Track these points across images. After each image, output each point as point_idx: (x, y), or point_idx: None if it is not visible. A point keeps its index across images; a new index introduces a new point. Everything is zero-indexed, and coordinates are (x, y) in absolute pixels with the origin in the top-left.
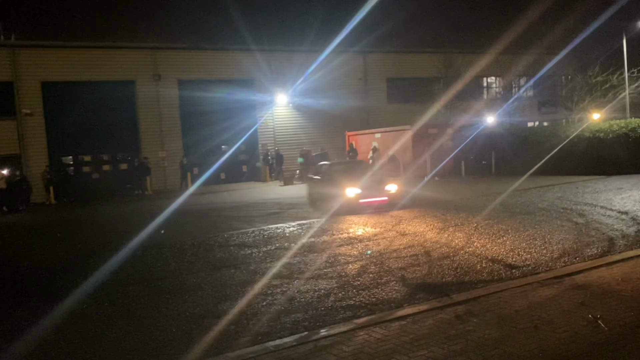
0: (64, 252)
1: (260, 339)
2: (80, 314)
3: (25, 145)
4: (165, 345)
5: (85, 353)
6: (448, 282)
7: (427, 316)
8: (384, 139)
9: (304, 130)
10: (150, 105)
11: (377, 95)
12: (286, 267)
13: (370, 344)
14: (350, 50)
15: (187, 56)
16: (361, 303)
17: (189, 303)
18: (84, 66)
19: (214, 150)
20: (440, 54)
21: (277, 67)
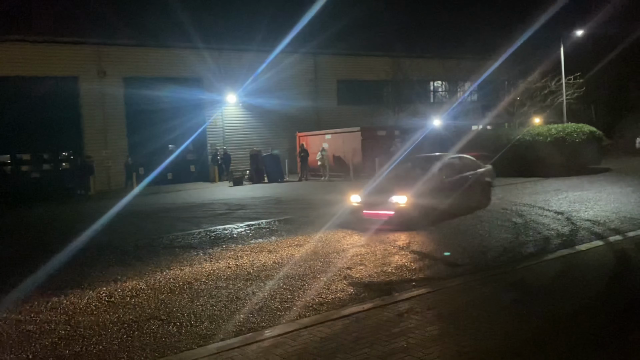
0: None
1: (203, 341)
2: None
3: None
4: (101, 350)
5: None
6: (393, 280)
7: (369, 315)
8: (334, 140)
9: (254, 130)
10: (94, 102)
11: (327, 97)
12: (233, 269)
13: (315, 343)
14: (300, 51)
15: (133, 53)
16: (307, 303)
17: (130, 307)
18: (23, 60)
19: (160, 150)
20: (390, 58)
21: (226, 66)
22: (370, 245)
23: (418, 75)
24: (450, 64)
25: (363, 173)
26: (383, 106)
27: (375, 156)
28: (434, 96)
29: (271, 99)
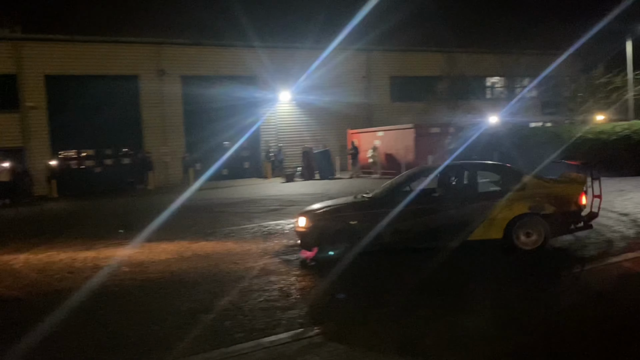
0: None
1: (255, 334)
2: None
3: (28, 138)
4: (161, 339)
5: (87, 346)
6: None
7: None
8: (386, 138)
9: (306, 127)
10: (154, 100)
11: (380, 93)
12: (284, 264)
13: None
14: (352, 48)
15: (190, 52)
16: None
17: (186, 298)
18: (87, 60)
19: (216, 147)
20: (444, 53)
21: (280, 64)
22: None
23: (474, 70)
24: (508, 59)
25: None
26: (437, 103)
27: (429, 154)
28: (490, 92)
29: (323, 96)
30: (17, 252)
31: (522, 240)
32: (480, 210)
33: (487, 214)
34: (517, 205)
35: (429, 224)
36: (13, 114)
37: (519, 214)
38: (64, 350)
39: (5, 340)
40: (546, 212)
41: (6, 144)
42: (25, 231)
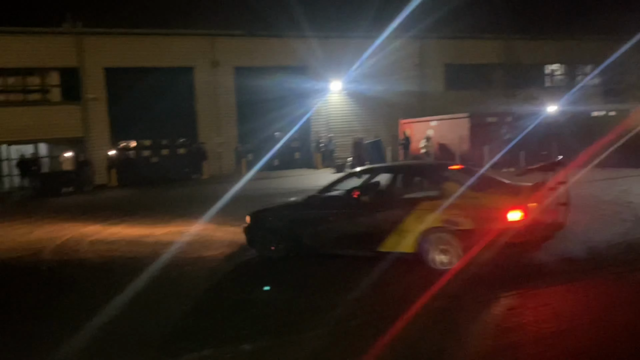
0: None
1: (312, 324)
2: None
3: (89, 129)
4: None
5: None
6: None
7: None
8: (440, 127)
9: (357, 117)
10: (208, 91)
11: (433, 82)
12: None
13: None
14: (405, 36)
15: (243, 43)
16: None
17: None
18: (144, 52)
19: (268, 138)
20: (501, 40)
21: (331, 53)
22: None
23: (532, 58)
24: (569, 45)
25: (470, 162)
26: (493, 91)
27: (485, 144)
28: (550, 80)
29: (374, 86)
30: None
31: (435, 258)
32: (392, 219)
33: (399, 224)
34: (430, 217)
35: (342, 229)
36: (75, 106)
37: (432, 227)
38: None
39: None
40: (462, 227)
41: (69, 134)
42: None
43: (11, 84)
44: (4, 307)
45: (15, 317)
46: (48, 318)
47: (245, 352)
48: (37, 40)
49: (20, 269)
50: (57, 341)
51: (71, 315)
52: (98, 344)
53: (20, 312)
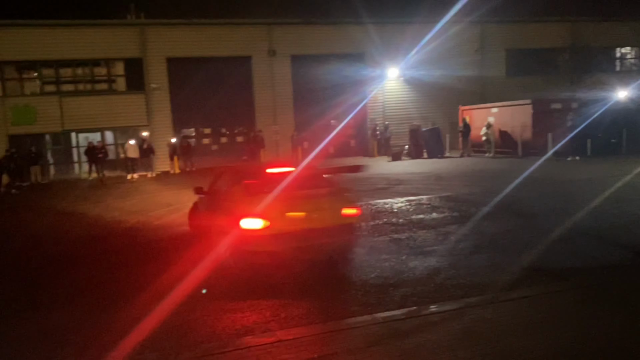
0: None
1: (369, 309)
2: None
3: (152, 117)
4: (278, 305)
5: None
6: (568, 266)
7: (543, 299)
8: (501, 114)
9: (414, 104)
10: (265, 80)
11: (494, 68)
12: (394, 242)
13: (482, 323)
14: (466, 21)
15: (300, 31)
16: (472, 282)
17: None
18: (204, 42)
19: (324, 125)
20: (567, 23)
21: (388, 39)
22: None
23: (601, 41)
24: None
25: (533, 150)
26: (558, 77)
27: (548, 131)
28: (620, 64)
29: (433, 72)
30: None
31: None
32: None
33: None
34: None
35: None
36: (139, 95)
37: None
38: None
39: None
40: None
41: (133, 122)
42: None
43: (80, 75)
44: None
45: None
46: None
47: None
48: (104, 32)
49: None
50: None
51: None
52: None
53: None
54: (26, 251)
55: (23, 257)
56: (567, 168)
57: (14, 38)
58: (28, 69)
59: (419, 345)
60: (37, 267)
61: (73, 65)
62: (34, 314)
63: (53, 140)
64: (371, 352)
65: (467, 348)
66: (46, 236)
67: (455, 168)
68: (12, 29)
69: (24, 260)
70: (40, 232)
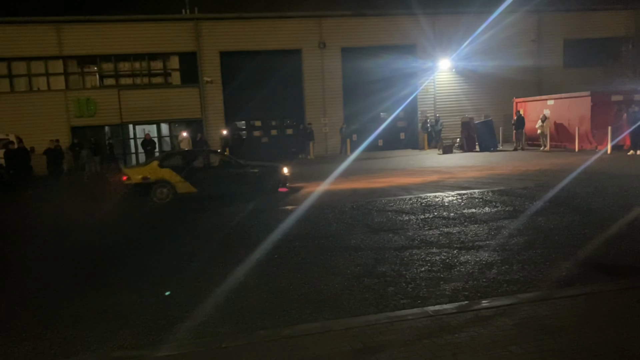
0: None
1: (419, 302)
2: (253, 264)
3: (206, 110)
4: (328, 298)
5: (260, 298)
6: (629, 264)
7: (601, 297)
8: (557, 107)
9: (466, 96)
10: (315, 73)
11: (551, 58)
12: (445, 236)
13: (536, 320)
14: (522, 10)
15: (350, 23)
16: (526, 278)
17: (350, 262)
18: (255, 35)
19: (373, 118)
20: (630, 10)
21: (441, 31)
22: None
23: None
24: None
25: (592, 144)
26: (619, 68)
27: (608, 124)
28: None
29: (487, 62)
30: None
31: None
32: None
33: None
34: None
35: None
36: (194, 88)
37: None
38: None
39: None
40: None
41: (187, 115)
42: None
43: (137, 68)
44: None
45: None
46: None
47: None
48: (159, 27)
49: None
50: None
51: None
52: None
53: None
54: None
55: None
56: (627, 162)
57: (76, 34)
58: (89, 64)
59: (470, 339)
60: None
61: (130, 60)
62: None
63: (112, 132)
64: (422, 345)
65: (521, 344)
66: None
67: (508, 162)
68: (73, 25)
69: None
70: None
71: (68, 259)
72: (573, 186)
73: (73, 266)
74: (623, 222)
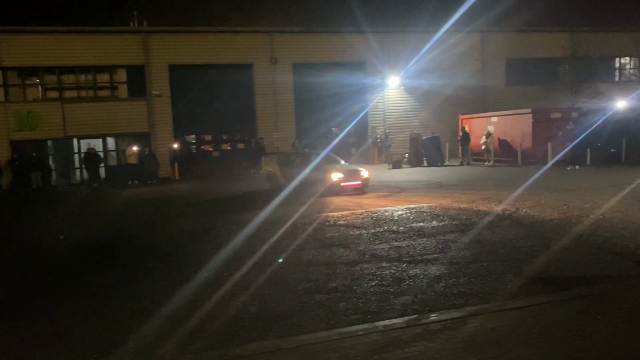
0: (190, 225)
1: (370, 317)
2: (202, 282)
3: (154, 124)
4: (279, 315)
5: (210, 317)
6: (570, 275)
7: (545, 309)
8: (501, 123)
9: (414, 112)
10: (267, 88)
11: (494, 77)
12: (395, 250)
13: (483, 332)
14: (466, 30)
15: (301, 40)
16: (472, 291)
17: (301, 278)
18: (206, 50)
19: (325, 133)
20: (567, 33)
21: (389, 48)
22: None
23: (601, 51)
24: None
25: (533, 159)
26: (558, 86)
27: (548, 141)
28: (619, 74)
29: (434, 80)
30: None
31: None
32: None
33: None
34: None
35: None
36: (141, 101)
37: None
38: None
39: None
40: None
41: (135, 129)
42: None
43: (83, 81)
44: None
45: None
46: None
47: None
48: (106, 39)
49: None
50: None
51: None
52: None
53: None
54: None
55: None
56: (567, 177)
57: (17, 44)
58: (30, 75)
59: (419, 354)
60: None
61: (75, 72)
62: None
63: (55, 146)
64: None
65: (469, 357)
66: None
67: (454, 176)
68: (14, 35)
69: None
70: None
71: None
72: (516, 200)
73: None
74: (564, 234)
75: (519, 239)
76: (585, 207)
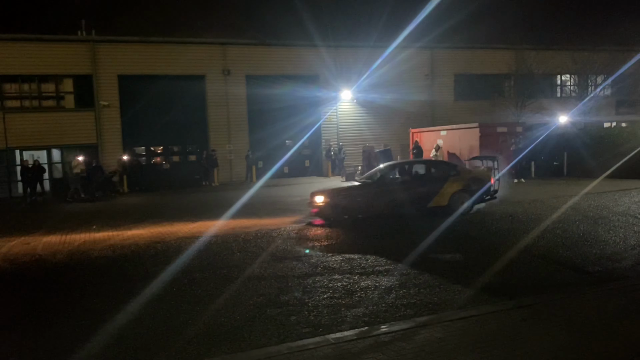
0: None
1: (321, 330)
2: (150, 298)
3: (102, 135)
4: (229, 331)
5: (156, 334)
6: (514, 284)
7: (491, 318)
8: (450, 137)
9: (367, 126)
10: (219, 99)
11: (443, 92)
12: (347, 262)
13: (432, 343)
14: (416, 46)
15: (255, 52)
16: (422, 302)
17: (253, 292)
18: (157, 60)
19: (279, 145)
20: (512, 50)
21: (342, 62)
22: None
23: (543, 68)
24: (581, 56)
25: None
26: (503, 101)
27: (494, 154)
28: (560, 91)
29: (385, 95)
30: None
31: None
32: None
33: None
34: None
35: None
36: (88, 112)
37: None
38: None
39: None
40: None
41: (82, 140)
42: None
43: (26, 90)
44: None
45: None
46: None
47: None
48: (52, 48)
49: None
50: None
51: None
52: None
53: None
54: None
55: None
56: (513, 190)
57: None
58: None
59: None
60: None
61: (19, 81)
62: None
63: None
64: None
65: None
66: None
67: None
68: None
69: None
70: None
71: None
72: (463, 212)
73: None
74: (510, 246)
75: (468, 249)
76: (531, 219)
